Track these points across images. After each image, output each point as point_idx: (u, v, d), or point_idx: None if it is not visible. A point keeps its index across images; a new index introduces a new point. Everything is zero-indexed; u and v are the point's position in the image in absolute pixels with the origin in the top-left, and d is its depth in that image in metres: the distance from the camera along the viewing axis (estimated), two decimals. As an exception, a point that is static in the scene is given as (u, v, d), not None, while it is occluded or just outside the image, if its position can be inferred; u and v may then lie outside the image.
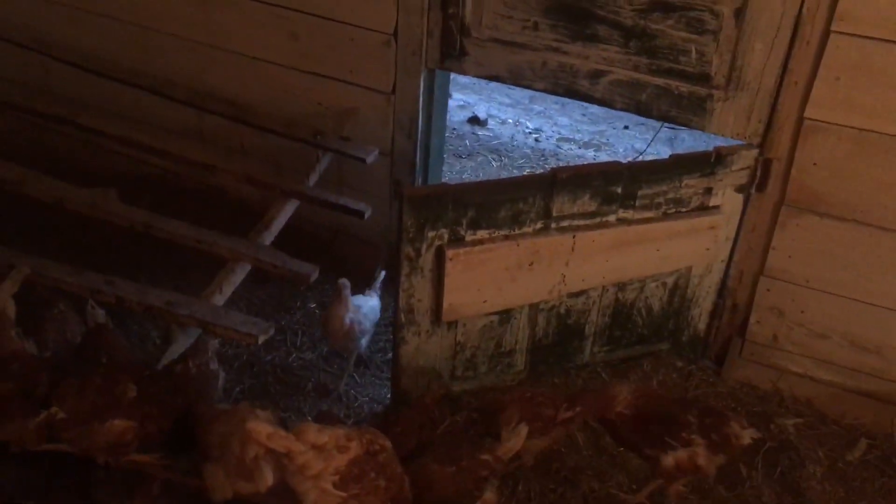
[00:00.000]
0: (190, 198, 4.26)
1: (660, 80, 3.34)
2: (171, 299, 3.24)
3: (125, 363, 2.83)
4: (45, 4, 4.19)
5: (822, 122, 3.12)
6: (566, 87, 3.50)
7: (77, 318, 3.24)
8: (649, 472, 2.99)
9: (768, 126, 3.24)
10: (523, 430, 2.85)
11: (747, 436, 2.87)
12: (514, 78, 3.57)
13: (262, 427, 2.33)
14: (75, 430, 2.42)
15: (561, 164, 5.66)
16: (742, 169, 3.32)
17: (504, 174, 5.51)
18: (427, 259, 3.15)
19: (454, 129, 5.86)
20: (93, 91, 4.22)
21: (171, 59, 4.07)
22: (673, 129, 5.71)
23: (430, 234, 3.11)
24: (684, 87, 3.32)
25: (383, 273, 3.75)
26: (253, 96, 3.98)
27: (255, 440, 2.32)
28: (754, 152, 3.30)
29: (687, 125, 3.41)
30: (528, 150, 5.85)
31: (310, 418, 3.36)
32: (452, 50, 3.58)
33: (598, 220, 3.29)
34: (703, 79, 3.27)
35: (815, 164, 3.20)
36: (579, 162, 5.68)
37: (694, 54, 3.25)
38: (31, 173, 3.61)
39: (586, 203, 3.24)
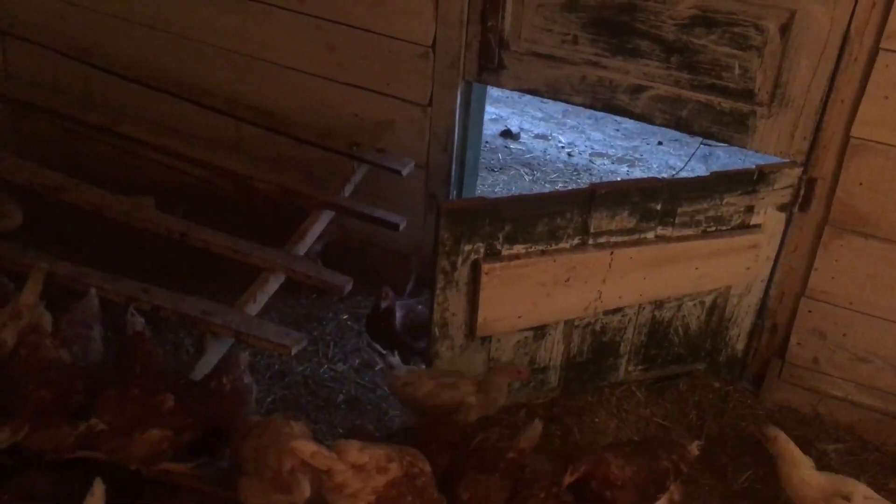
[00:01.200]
0: (224, 207, 4.27)
1: (701, 96, 3.30)
2: (205, 308, 3.23)
3: (162, 372, 2.82)
4: (86, 13, 4.24)
5: (869, 140, 3.05)
6: (605, 101, 3.46)
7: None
8: None
9: (813, 144, 3.19)
10: (538, 425, 2.89)
11: (696, 449, 3.00)
12: (553, 92, 3.54)
13: (306, 446, 2.31)
14: (114, 441, 2.42)
15: (594, 179, 5.62)
16: (785, 188, 3.27)
17: (536, 188, 5.48)
18: (462, 273, 3.12)
19: (486, 142, 5.83)
20: (131, 100, 4.25)
21: (210, 69, 4.09)
22: (709, 146, 5.64)
23: (467, 247, 3.08)
24: (726, 104, 3.27)
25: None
26: (290, 107, 3.98)
27: (297, 457, 2.30)
28: (798, 171, 3.24)
29: (728, 142, 3.36)
30: (561, 165, 5.81)
31: (342, 431, 3.34)
32: (490, 63, 3.56)
33: (636, 236, 3.25)
34: (746, 95, 3.23)
35: (860, 183, 3.13)
36: (612, 177, 5.64)
37: (737, 70, 3.20)
38: (71, 181, 3.64)
39: (625, 219, 3.20)
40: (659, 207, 3.21)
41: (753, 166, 3.25)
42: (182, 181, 4.32)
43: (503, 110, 6.36)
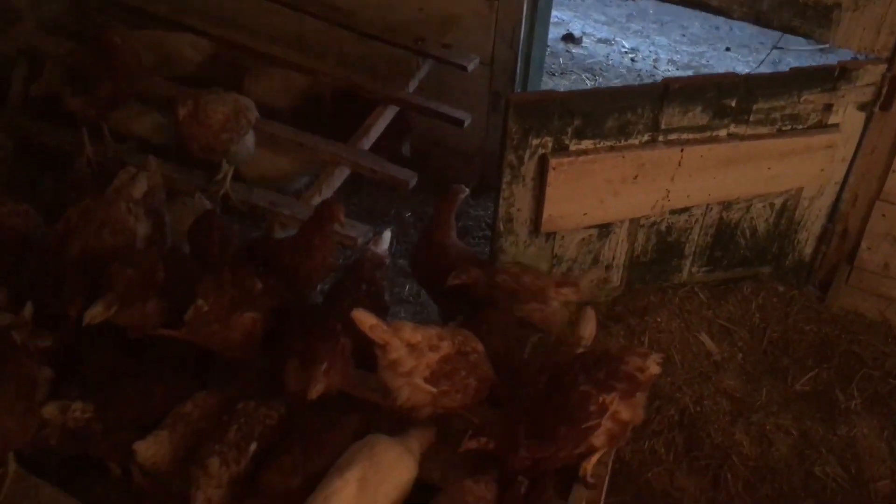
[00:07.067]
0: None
1: (784, -12, 3.16)
2: (274, 199, 3.28)
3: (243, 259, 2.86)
4: None
5: (963, 34, 2.91)
6: (681, -6, 3.34)
7: None
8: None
9: (900, 39, 3.04)
10: (590, 311, 2.78)
11: (653, 364, 2.47)
12: (626, -16, 3.42)
13: (367, 317, 2.36)
14: (213, 325, 2.48)
15: (658, 85, 5.47)
16: (867, 85, 3.14)
17: (599, 94, 5.35)
18: (529, 168, 3.09)
19: (548, 46, 5.67)
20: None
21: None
22: (780, 49, 5.43)
23: (535, 141, 3.04)
24: (810, -4, 3.13)
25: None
26: (354, 1, 3.92)
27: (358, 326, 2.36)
28: (882, 67, 3.11)
29: (809, 37, 3.23)
30: (624, 70, 5.66)
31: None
32: (562, -47, 3.44)
33: (708, 134, 3.17)
34: (832, -14, 3.08)
35: (949, 80, 3.00)
36: (678, 83, 5.48)
37: (824, -41, 3.05)
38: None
39: (697, 116, 3.12)
40: (734, 104, 3.12)
41: (836, 62, 3.13)
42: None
43: (565, 13, 6.17)
